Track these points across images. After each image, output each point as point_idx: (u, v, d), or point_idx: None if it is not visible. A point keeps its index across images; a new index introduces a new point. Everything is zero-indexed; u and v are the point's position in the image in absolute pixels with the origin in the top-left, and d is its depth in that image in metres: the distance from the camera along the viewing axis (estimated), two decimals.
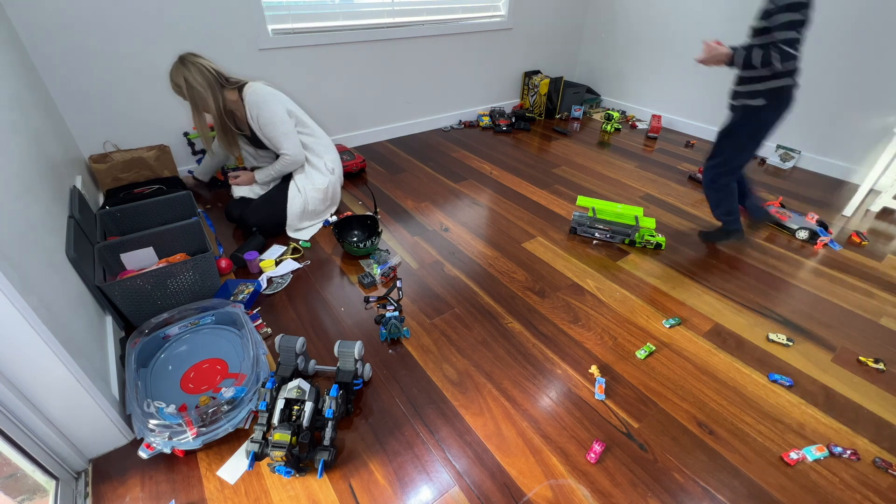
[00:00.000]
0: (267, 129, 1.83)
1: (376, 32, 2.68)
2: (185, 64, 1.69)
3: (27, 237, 1.02)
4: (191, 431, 1.05)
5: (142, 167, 2.12)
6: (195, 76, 1.69)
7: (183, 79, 1.69)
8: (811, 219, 2.08)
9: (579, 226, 2.04)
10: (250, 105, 1.79)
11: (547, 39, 3.57)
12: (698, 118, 3.26)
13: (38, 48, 1.83)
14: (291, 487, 1.06)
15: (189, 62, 1.69)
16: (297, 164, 1.95)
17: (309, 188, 1.98)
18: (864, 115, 2.46)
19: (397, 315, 1.44)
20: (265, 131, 1.84)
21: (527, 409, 1.25)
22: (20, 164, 1.19)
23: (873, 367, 1.41)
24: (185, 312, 1.39)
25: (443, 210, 2.24)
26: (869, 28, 2.33)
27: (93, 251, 1.45)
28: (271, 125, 1.83)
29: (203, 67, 1.71)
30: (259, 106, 1.79)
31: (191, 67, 1.69)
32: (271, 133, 1.84)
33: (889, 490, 1.08)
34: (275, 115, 1.82)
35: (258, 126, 1.83)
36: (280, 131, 1.85)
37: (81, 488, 1.05)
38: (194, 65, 1.70)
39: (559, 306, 1.63)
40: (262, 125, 1.82)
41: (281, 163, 1.93)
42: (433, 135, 3.21)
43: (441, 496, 1.05)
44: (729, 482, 1.09)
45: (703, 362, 1.42)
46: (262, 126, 1.83)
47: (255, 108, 1.79)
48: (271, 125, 1.83)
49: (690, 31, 3.08)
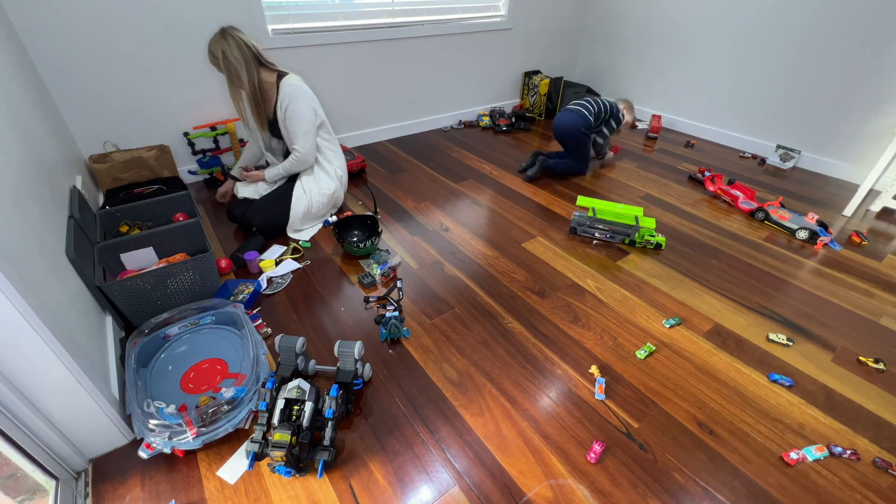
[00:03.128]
0: (290, 122, 1.87)
1: (376, 32, 2.68)
2: (225, 37, 1.71)
3: (27, 237, 1.02)
4: (191, 431, 1.05)
5: (142, 167, 2.12)
6: (233, 50, 1.71)
7: (220, 51, 1.71)
8: (811, 219, 2.08)
9: (579, 226, 2.04)
10: (285, 94, 1.83)
11: (547, 39, 3.57)
12: (698, 118, 3.26)
13: (38, 48, 1.83)
14: (291, 487, 1.06)
15: (229, 35, 1.71)
16: (306, 164, 1.98)
17: (315, 191, 1.99)
18: (864, 115, 2.46)
19: (397, 315, 1.44)
20: (288, 123, 1.87)
21: (527, 409, 1.25)
22: (20, 164, 1.19)
23: (873, 367, 1.41)
24: (185, 312, 1.39)
25: (443, 210, 2.24)
26: (869, 28, 2.33)
27: (93, 251, 1.45)
28: (295, 119, 1.86)
29: (242, 42, 1.73)
30: (293, 98, 1.83)
31: (230, 40, 1.71)
32: (293, 127, 1.87)
33: (889, 490, 1.08)
34: (303, 112, 1.86)
35: (283, 116, 1.86)
36: (301, 129, 1.88)
37: (81, 488, 1.05)
38: (234, 38, 1.71)
39: (559, 306, 1.63)
40: (287, 116, 1.85)
41: (291, 160, 1.94)
42: (433, 135, 3.21)
43: (441, 496, 1.05)
44: (729, 482, 1.09)
45: (703, 362, 1.42)
46: (287, 117, 1.86)
47: (287, 99, 1.83)
48: (295, 119, 1.86)
49: (691, 31, 3.08)
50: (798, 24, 2.57)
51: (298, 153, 1.92)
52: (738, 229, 2.14)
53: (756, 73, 2.83)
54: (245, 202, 2.02)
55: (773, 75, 2.76)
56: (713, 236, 2.08)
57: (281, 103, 1.84)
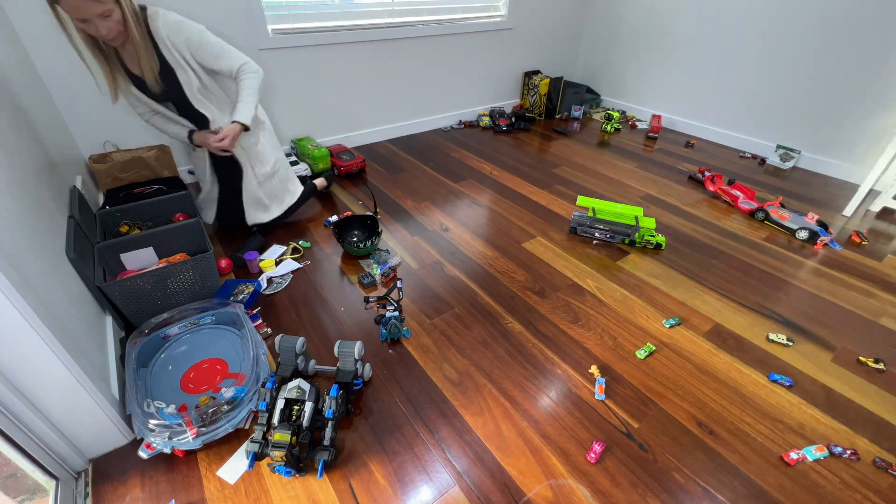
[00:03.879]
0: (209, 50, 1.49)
1: (376, 32, 2.67)
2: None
3: (27, 237, 1.02)
4: (191, 431, 1.05)
5: (142, 167, 2.12)
6: None
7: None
8: (811, 219, 2.08)
9: (579, 226, 2.04)
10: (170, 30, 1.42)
11: (547, 39, 3.57)
12: (698, 118, 3.26)
13: (38, 48, 1.82)
14: (291, 487, 1.06)
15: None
16: (261, 72, 1.60)
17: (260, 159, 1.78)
18: (865, 115, 2.46)
19: (397, 315, 1.44)
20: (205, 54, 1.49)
21: (527, 409, 1.25)
22: (20, 164, 1.19)
23: (873, 367, 1.41)
24: (185, 312, 1.39)
25: (443, 210, 2.24)
26: (869, 28, 2.33)
27: (93, 251, 1.45)
28: (210, 43, 1.48)
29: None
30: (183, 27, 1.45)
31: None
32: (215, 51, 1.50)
33: (889, 490, 1.08)
34: (205, 31, 1.49)
35: (188, 53, 1.47)
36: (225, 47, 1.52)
37: (81, 488, 1.05)
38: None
39: (559, 306, 1.63)
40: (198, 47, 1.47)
41: (252, 79, 1.57)
42: (433, 135, 3.21)
43: (441, 496, 1.05)
44: (729, 482, 1.09)
45: (703, 362, 1.42)
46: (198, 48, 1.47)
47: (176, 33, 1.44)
48: (210, 43, 1.48)
49: (691, 31, 3.08)
50: (798, 23, 2.57)
51: (249, 65, 1.56)
52: (738, 229, 2.14)
53: (756, 72, 2.83)
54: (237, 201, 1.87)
55: (773, 75, 2.76)
56: (713, 236, 2.08)
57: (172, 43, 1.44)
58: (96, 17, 1.26)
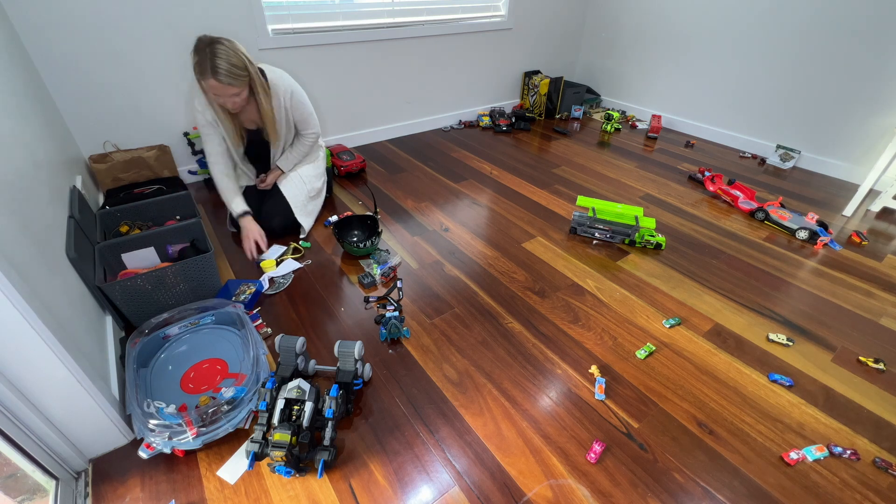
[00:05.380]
0: (300, 109, 1.81)
1: (376, 32, 2.67)
2: (229, 44, 1.49)
3: (27, 237, 1.02)
4: (191, 431, 1.05)
5: (142, 167, 2.12)
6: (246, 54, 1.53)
7: (243, 58, 1.51)
8: (811, 219, 2.08)
9: (579, 226, 2.04)
10: (283, 85, 1.72)
11: (547, 39, 3.57)
12: (698, 118, 3.26)
13: (38, 48, 1.83)
14: (291, 487, 1.06)
15: (225, 41, 1.49)
16: (321, 140, 1.98)
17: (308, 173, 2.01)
18: (864, 115, 2.46)
19: (397, 315, 1.44)
20: (296, 112, 1.81)
21: (527, 409, 1.25)
22: (20, 164, 1.19)
23: (873, 367, 1.41)
24: (185, 312, 1.39)
25: (443, 210, 2.24)
26: (869, 28, 2.33)
27: (93, 251, 1.45)
28: (304, 104, 1.81)
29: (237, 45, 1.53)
30: (292, 86, 1.76)
31: (234, 45, 1.50)
32: (304, 111, 1.83)
33: (889, 490, 1.08)
34: (304, 94, 1.82)
35: (289, 105, 1.77)
36: (310, 110, 1.84)
37: (81, 488, 1.05)
38: (231, 42, 1.50)
39: (559, 306, 1.63)
40: (294, 105, 1.78)
41: (310, 141, 1.92)
42: (433, 135, 3.21)
43: (441, 496, 1.05)
44: (729, 482, 1.09)
45: (703, 362, 1.42)
46: (294, 106, 1.78)
47: (287, 89, 1.74)
48: (304, 104, 1.81)
49: (690, 31, 3.08)
50: (798, 23, 2.57)
51: (315, 132, 1.93)
52: (738, 229, 2.14)
53: (756, 72, 2.83)
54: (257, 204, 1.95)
55: (773, 75, 2.76)
56: (713, 236, 2.08)
57: (281, 96, 1.74)
58: (229, 96, 1.56)
